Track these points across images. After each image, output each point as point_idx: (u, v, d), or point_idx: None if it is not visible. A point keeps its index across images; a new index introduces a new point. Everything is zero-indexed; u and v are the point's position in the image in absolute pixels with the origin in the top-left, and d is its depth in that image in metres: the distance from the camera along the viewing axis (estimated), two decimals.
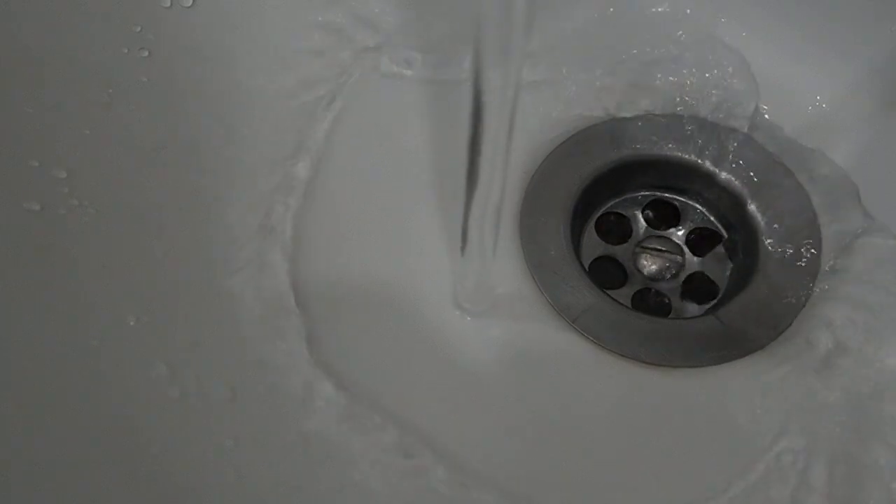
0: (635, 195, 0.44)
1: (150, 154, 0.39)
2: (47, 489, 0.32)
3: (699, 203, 0.43)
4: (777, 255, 0.40)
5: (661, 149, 0.42)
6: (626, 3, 0.44)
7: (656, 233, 0.43)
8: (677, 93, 0.43)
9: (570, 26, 0.44)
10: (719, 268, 0.42)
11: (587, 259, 0.42)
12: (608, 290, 0.40)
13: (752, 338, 0.38)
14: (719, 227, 0.43)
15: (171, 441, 0.34)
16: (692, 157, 0.42)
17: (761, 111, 0.42)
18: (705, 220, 0.43)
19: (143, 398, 0.35)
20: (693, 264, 0.42)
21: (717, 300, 0.41)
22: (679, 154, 0.42)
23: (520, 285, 0.39)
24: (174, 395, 0.35)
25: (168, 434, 0.34)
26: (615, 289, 0.41)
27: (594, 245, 0.43)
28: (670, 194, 0.43)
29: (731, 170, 0.42)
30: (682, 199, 0.43)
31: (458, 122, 0.28)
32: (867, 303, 0.38)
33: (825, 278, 0.39)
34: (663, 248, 0.42)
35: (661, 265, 0.42)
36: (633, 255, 0.42)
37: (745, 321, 0.38)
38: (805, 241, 0.40)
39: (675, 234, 0.43)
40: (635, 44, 0.43)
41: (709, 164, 0.42)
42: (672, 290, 0.42)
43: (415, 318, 0.38)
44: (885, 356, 0.37)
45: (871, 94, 0.41)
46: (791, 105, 0.42)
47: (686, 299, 0.41)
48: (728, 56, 0.42)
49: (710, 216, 0.43)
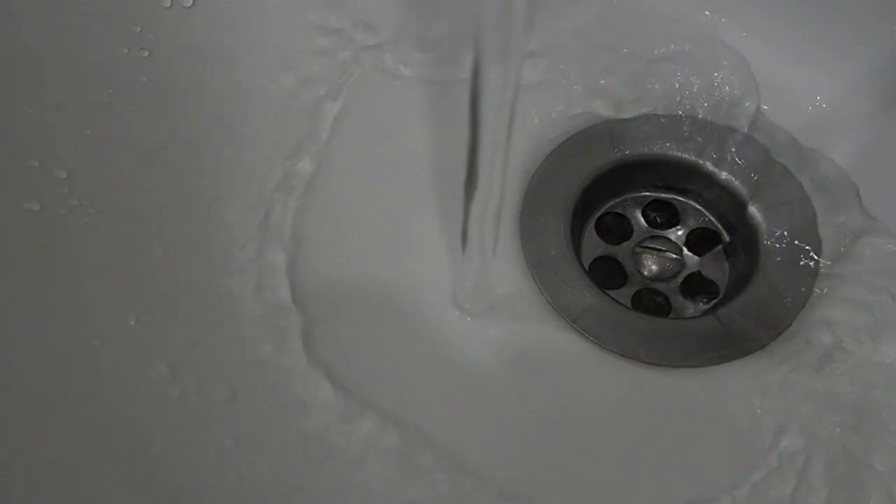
0: (635, 195, 0.44)
1: (150, 154, 0.39)
2: (47, 489, 0.32)
3: (699, 203, 0.43)
4: (777, 255, 0.40)
5: (661, 149, 0.42)
6: (626, 3, 0.44)
7: (656, 233, 0.43)
8: (677, 93, 0.43)
9: (570, 26, 0.44)
10: (719, 268, 0.42)
11: (587, 259, 0.42)
12: (608, 290, 0.40)
13: (752, 338, 0.38)
14: (719, 227, 0.43)
15: (171, 441, 0.34)
16: (692, 157, 0.42)
17: (761, 111, 0.42)
18: (705, 220, 0.43)
19: (143, 398, 0.35)
20: (693, 264, 0.42)
21: (717, 300, 0.41)
22: (679, 154, 0.42)
23: (520, 285, 0.39)
24: (174, 395, 0.35)
25: (168, 434, 0.34)
26: (615, 289, 0.41)
27: (594, 245, 0.43)
28: (670, 194, 0.43)
29: (731, 170, 0.42)
30: (682, 200, 0.43)
31: (458, 122, 0.28)
32: (867, 303, 0.38)
33: (825, 278, 0.39)
34: (663, 249, 0.42)
35: (661, 265, 0.42)
36: (633, 255, 0.42)
37: (745, 321, 0.38)
38: (805, 241, 0.40)
39: (675, 234, 0.43)
40: (635, 44, 0.43)
41: (709, 165, 0.42)
42: (672, 290, 0.42)
43: (415, 319, 0.38)
44: (885, 356, 0.37)
45: (871, 94, 0.41)
46: (791, 105, 0.42)
47: (686, 299, 0.41)
48: (728, 56, 0.42)
49: (710, 216, 0.43)
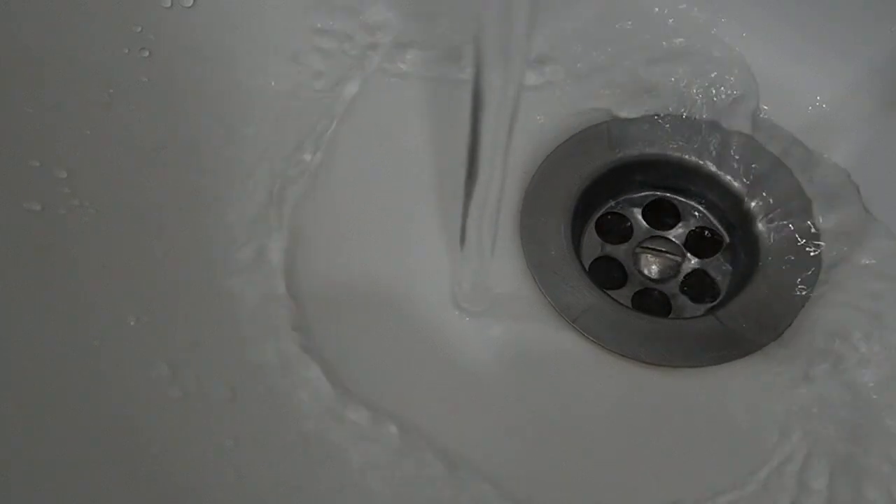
0: (635, 195, 0.43)
1: (150, 154, 0.39)
2: (47, 489, 0.32)
3: (699, 203, 0.43)
4: (777, 255, 0.40)
5: (660, 149, 0.42)
6: (626, 3, 0.44)
7: (656, 233, 0.43)
8: (677, 93, 0.43)
9: (570, 26, 0.44)
10: (719, 268, 0.42)
11: (587, 259, 0.42)
12: (608, 290, 0.40)
13: (752, 338, 0.38)
14: (719, 227, 0.43)
15: (171, 441, 0.34)
16: (692, 158, 0.42)
17: (761, 111, 0.42)
18: (705, 220, 0.43)
19: (143, 398, 0.35)
20: (693, 264, 0.42)
21: (718, 300, 0.41)
22: (679, 154, 0.42)
23: (520, 285, 0.39)
24: (174, 395, 0.35)
25: (168, 434, 0.34)
26: (615, 289, 0.41)
27: (594, 245, 0.43)
28: (670, 194, 0.43)
29: (731, 170, 0.42)
30: (682, 200, 0.43)
31: (458, 122, 0.28)
32: (867, 303, 0.38)
33: (825, 278, 0.39)
34: (663, 249, 0.42)
35: (661, 265, 0.42)
36: (634, 256, 0.42)
37: (745, 321, 0.38)
38: (805, 241, 0.40)
39: (675, 235, 0.43)
40: (635, 44, 0.43)
41: (709, 165, 0.42)
42: (672, 290, 0.42)
43: (415, 318, 0.38)
44: (886, 356, 0.37)
45: (871, 94, 0.41)
46: (791, 105, 0.42)
47: (686, 299, 0.41)
48: (728, 56, 0.42)
49: (710, 216, 0.43)
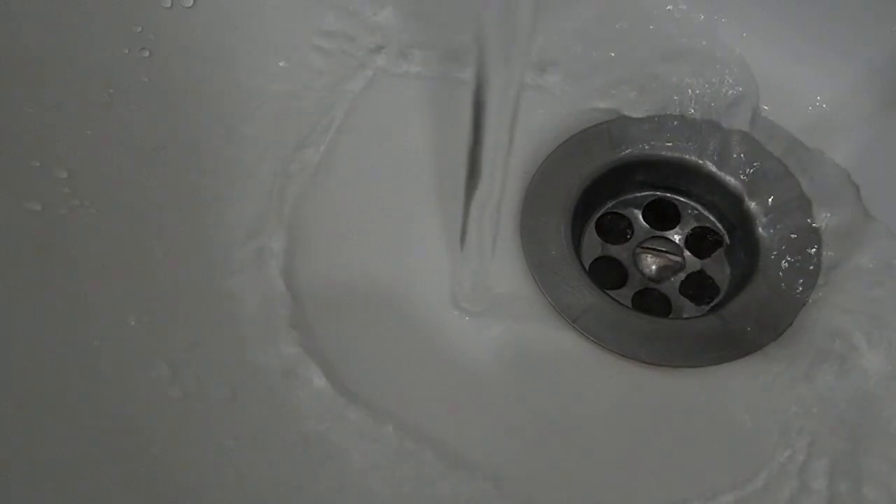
0: (635, 195, 0.43)
1: (150, 154, 0.39)
2: (47, 489, 0.32)
3: (699, 203, 0.43)
4: (777, 255, 0.40)
5: (661, 149, 0.42)
6: (626, 3, 0.44)
7: (656, 233, 0.43)
8: (677, 92, 0.43)
9: (570, 26, 0.44)
10: (719, 268, 0.42)
11: (587, 259, 0.42)
12: (608, 291, 0.40)
13: (753, 338, 0.38)
14: (719, 227, 0.43)
15: (171, 441, 0.34)
16: (692, 158, 0.42)
17: (761, 111, 0.42)
18: (705, 220, 0.43)
19: (143, 398, 0.35)
20: (693, 264, 0.42)
21: (718, 300, 0.41)
22: (679, 154, 0.42)
23: (520, 285, 0.39)
24: (174, 395, 0.35)
25: (168, 434, 0.34)
26: (615, 289, 0.41)
27: (594, 245, 0.43)
28: (670, 194, 0.43)
29: (731, 170, 0.42)
30: (682, 200, 0.43)
31: (458, 122, 0.28)
32: (868, 302, 0.38)
33: (825, 278, 0.39)
34: (663, 249, 0.42)
35: (661, 265, 0.42)
36: (634, 256, 0.42)
37: (746, 321, 0.38)
38: (805, 241, 0.40)
39: (675, 235, 0.43)
40: (635, 44, 0.43)
41: (709, 165, 0.42)
42: (672, 290, 0.42)
43: (415, 318, 0.38)
44: (886, 356, 0.37)
45: (871, 94, 0.41)
46: (791, 105, 0.42)
47: (686, 299, 0.41)
48: (728, 56, 0.42)
49: (710, 216, 0.43)
